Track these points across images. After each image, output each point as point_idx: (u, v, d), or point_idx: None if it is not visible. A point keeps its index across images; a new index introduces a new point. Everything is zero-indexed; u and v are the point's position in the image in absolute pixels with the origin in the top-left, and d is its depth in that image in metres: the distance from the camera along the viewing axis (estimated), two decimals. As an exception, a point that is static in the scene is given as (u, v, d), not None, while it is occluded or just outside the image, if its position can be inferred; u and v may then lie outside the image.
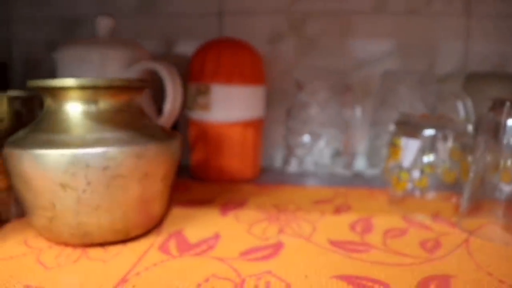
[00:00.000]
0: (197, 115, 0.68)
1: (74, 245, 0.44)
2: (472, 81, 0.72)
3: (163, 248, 0.44)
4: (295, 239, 0.47)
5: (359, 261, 0.42)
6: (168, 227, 0.49)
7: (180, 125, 0.76)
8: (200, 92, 0.66)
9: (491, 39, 0.76)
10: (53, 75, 0.62)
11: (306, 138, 0.70)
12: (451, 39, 0.76)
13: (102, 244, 0.44)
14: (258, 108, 0.70)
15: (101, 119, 0.42)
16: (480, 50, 0.76)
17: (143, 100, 0.62)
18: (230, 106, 0.67)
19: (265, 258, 0.42)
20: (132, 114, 0.44)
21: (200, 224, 0.50)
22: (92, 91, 0.41)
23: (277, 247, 0.44)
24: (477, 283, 0.38)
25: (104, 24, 0.64)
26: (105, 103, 0.42)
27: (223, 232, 0.48)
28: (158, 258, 0.42)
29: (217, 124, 0.67)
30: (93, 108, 0.42)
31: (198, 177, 0.72)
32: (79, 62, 0.61)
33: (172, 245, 0.45)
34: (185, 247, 0.44)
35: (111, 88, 0.42)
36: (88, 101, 0.42)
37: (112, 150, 0.39)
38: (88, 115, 0.42)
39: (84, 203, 0.40)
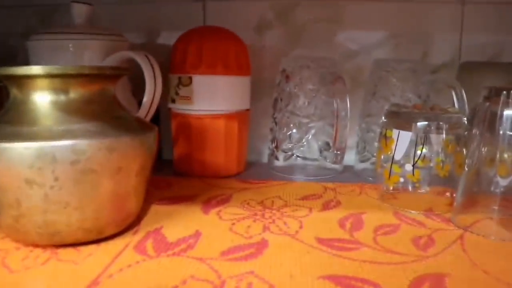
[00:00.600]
0: (179, 107, 0.65)
1: (44, 246, 0.41)
2: (466, 71, 0.70)
3: (139, 248, 0.41)
4: (280, 237, 0.44)
5: (348, 260, 0.39)
6: (146, 225, 0.47)
7: (162, 118, 0.73)
8: (182, 83, 0.63)
9: (486, 28, 0.73)
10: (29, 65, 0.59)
11: (293, 131, 0.67)
12: (445, 28, 0.74)
13: (74, 244, 0.41)
14: (243, 99, 0.67)
15: (71, 110, 0.39)
16: (474, 39, 0.74)
17: (121, 92, 0.59)
18: (213, 97, 0.64)
19: (247, 257, 0.39)
20: (105, 104, 0.42)
21: (180, 222, 0.48)
22: (60, 80, 0.38)
23: (261, 246, 0.42)
24: (473, 282, 0.36)
25: (80, 11, 0.61)
26: (75, 93, 0.39)
27: (204, 231, 0.45)
28: (133, 258, 0.39)
29: (200, 116, 0.64)
30: (62, 98, 0.39)
31: (181, 173, 0.69)
32: (53, 51, 0.58)
33: (149, 244, 0.42)
34: (162, 247, 0.41)
35: (81, 76, 0.39)
36: (56, 90, 0.39)
37: (81, 143, 0.36)
38: (56, 105, 0.39)
39: (52, 200, 0.37)
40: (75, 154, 0.36)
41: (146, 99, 0.56)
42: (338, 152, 0.65)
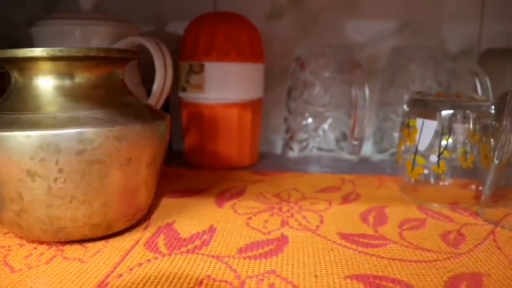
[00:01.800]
0: (190, 96, 0.63)
1: (49, 242, 0.38)
2: (489, 58, 0.67)
3: (151, 245, 0.38)
4: (300, 233, 0.41)
5: (375, 257, 0.36)
6: (157, 220, 0.44)
7: (172, 108, 0.70)
8: (193, 71, 0.61)
9: (507, 14, 0.70)
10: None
11: (309, 120, 0.64)
12: (463, 14, 0.71)
13: (81, 241, 0.38)
14: (256, 88, 0.64)
15: (77, 96, 0.36)
16: (495, 26, 0.71)
17: (130, 80, 0.56)
18: (226, 85, 0.61)
19: (267, 255, 0.36)
20: (113, 90, 0.39)
21: (194, 216, 0.45)
22: (65, 63, 0.35)
23: (281, 242, 0.39)
24: (514, 283, 0.33)
25: (86, -4, 0.58)
26: (80, 77, 0.36)
27: (219, 225, 0.43)
28: (144, 256, 0.36)
29: (212, 105, 0.62)
30: (67, 83, 0.36)
31: (192, 164, 0.66)
32: (59, 38, 0.56)
33: (161, 240, 0.39)
34: (175, 243, 0.38)
35: (87, 59, 0.36)
36: (61, 74, 0.36)
37: (87, 131, 0.33)
38: (61, 91, 0.36)
39: (56, 194, 0.34)
40: (81, 143, 0.33)
41: (156, 87, 0.54)
42: (356, 143, 0.62)
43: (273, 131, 0.76)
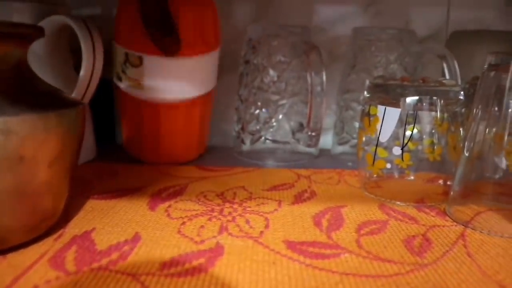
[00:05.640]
0: (127, 87, 0.54)
1: None
2: (456, 41, 0.62)
3: (57, 260, 0.31)
4: (239, 241, 0.35)
5: (325, 272, 0.31)
6: (74, 228, 0.37)
7: (114, 95, 0.63)
8: (130, 62, 0.52)
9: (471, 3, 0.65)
10: None
11: (262, 110, 0.58)
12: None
13: (-28, 257, 0.32)
14: (208, 81, 0.57)
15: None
16: (460, 11, 0.66)
17: (60, 66, 0.51)
18: (169, 84, 0.53)
19: (195, 271, 0.30)
20: (6, 75, 0.32)
21: (118, 222, 0.38)
22: None
23: (214, 254, 0.33)
24: (488, 302, 0.27)
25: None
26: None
27: (146, 233, 0.36)
28: (45, 276, 0.29)
29: (152, 103, 0.54)
30: None
31: (131, 158, 0.59)
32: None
33: (71, 255, 0.32)
34: (87, 258, 0.32)
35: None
36: None
37: (-40, 124, 0.27)
38: None
39: None
40: (-48, 140, 0.26)
41: (83, 73, 0.47)
42: (313, 134, 0.57)
43: (227, 121, 0.70)
